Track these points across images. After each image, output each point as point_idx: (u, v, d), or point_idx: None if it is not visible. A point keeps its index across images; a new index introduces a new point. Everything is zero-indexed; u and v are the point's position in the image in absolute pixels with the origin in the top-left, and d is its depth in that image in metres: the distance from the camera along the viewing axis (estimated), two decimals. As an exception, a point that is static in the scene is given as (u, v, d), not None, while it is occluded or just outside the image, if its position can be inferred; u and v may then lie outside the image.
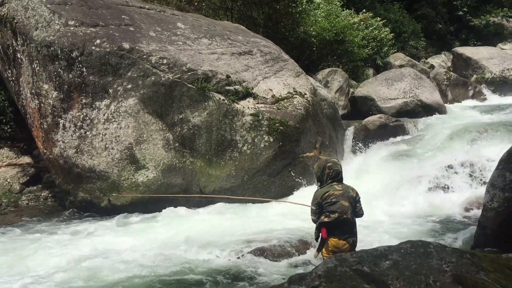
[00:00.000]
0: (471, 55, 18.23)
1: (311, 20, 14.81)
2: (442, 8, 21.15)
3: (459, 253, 2.00)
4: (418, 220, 7.18)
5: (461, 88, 16.36)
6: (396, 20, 19.30)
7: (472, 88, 16.43)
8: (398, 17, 19.56)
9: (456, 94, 16.21)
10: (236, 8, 14.13)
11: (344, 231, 4.33)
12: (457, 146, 9.57)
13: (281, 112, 8.99)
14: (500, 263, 2.06)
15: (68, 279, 5.28)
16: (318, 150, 9.55)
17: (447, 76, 16.47)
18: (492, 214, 5.85)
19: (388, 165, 9.61)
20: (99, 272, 5.43)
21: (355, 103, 14.38)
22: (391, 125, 11.51)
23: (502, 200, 5.78)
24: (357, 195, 4.49)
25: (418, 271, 1.87)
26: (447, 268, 1.88)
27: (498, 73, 17.20)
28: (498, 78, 17.09)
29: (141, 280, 5.13)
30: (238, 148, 8.62)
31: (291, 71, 10.13)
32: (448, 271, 1.86)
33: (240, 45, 9.96)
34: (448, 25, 21.52)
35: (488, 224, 5.88)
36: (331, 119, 10.87)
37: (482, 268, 1.97)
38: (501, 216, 5.77)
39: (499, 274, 2.01)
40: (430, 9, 20.95)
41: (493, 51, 18.82)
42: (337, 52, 15.20)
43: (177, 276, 5.22)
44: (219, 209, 8.06)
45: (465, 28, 21.64)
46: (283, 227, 6.70)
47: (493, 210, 5.84)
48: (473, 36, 21.52)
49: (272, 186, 8.75)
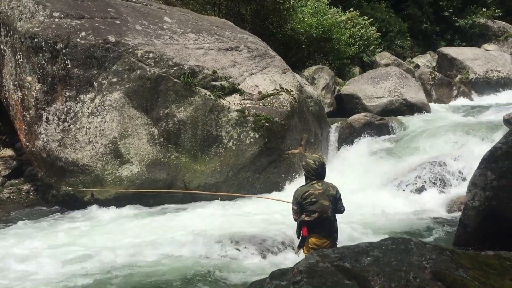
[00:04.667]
0: (455, 55, 18.42)
1: (299, 17, 14.82)
2: (428, 8, 21.31)
3: (439, 250, 2.03)
4: (400, 217, 7.25)
5: (445, 88, 16.54)
6: (383, 19, 19.41)
7: (456, 88, 16.61)
8: (385, 16, 19.68)
9: (441, 94, 16.38)
10: (224, 3, 14.07)
11: (324, 229, 4.37)
12: (440, 145, 9.67)
13: (267, 109, 8.99)
14: (479, 260, 2.10)
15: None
16: (303, 147, 9.58)
17: (432, 76, 16.63)
18: (473, 213, 5.94)
19: (372, 163, 9.69)
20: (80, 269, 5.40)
21: (341, 101, 14.44)
22: (376, 124, 11.59)
23: (483, 199, 5.87)
24: (337, 193, 4.51)
25: (398, 267, 1.89)
26: (427, 265, 1.90)
27: (482, 73, 17.42)
28: (481, 78, 17.31)
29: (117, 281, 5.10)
30: (224, 144, 8.61)
31: (277, 68, 10.13)
32: (428, 268, 1.89)
33: (227, 40, 9.93)
34: (434, 25, 21.69)
35: (469, 223, 5.97)
36: (317, 117, 10.91)
37: (462, 265, 1.99)
38: (482, 215, 5.86)
39: (478, 271, 2.04)
40: (416, 9, 21.10)
41: (477, 52, 19.04)
42: (324, 49, 15.24)
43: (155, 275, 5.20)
44: (203, 205, 8.04)
45: (450, 29, 21.85)
46: (266, 223, 6.72)
47: (474, 209, 5.93)
48: (458, 36, 21.73)
49: (257, 182, 8.76)
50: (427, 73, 16.90)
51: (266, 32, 13.85)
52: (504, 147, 5.87)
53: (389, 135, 11.44)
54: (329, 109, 13.53)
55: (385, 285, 1.79)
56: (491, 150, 6.07)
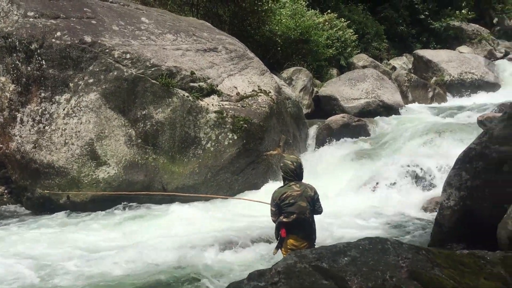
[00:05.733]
0: (431, 57, 18.71)
1: (277, 19, 14.86)
2: (404, 11, 21.61)
3: (415, 250, 2.05)
4: (377, 218, 7.33)
5: (421, 89, 16.78)
6: (360, 21, 19.60)
7: (431, 89, 16.87)
8: (362, 18, 19.87)
9: (417, 96, 16.61)
10: (202, 4, 14.01)
11: (303, 231, 4.39)
12: (417, 146, 9.82)
13: (245, 110, 8.99)
14: (454, 259, 2.13)
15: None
16: (282, 148, 9.61)
17: (408, 78, 16.86)
18: (448, 212, 6.04)
19: (349, 164, 9.78)
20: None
21: (319, 102, 14.53)
22: (353, 125, 11.71)
23: (458, 199, 5.97)
24: (315, 194, 4.52)
25: (375, 267, 1.90)
26: (403, 264, 1.92)
27: (457, 75, 17.73)
28: (456, 80, 17.62)
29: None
30: (202, 145, 8.58)
31: (256, 69, 10.15)
32: (404, 267, 1.91)
33: (205, 41, 9.90)
34: (410, 28, 22.01)
35: (444, 222, 6.07)
36: (295, 118, 10.96)
37: (437, 264, 2.02)
38: (457, 214, 5.96)
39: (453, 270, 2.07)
40: (392, 12, 21.38)
41: (452, 54, 19.38)
42: (302, 51, 15.30)
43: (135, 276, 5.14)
44: (182, 207, 7.98)
45: (426, 31, 22.19)
46: (244, 224, 6.73)
47: (450, 209, 6.03)
48: (433, 39, 22.09)
49: (236, 183, 8.75)
50: (403, 75, 17.12)
51: (244, 34, 13.84)
52: (478, 147, 5.99)
53: (366, 136, 11.58)
54: (307, 111, 13.60)
55: (362, 284, 1.81)
56: (465, 150, 6.19)
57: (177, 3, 13.37)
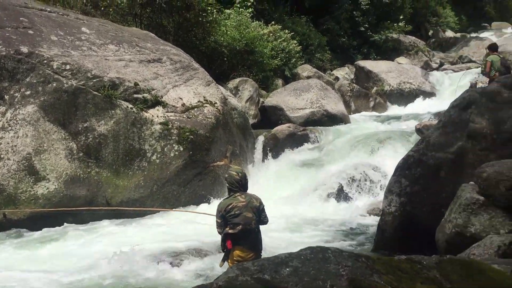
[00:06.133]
0: (371, 68, 19.38)
1: (222, 30, 14.90)
2: (346, 23, 22.26)
3: (355, 257, 2.09)
4: (323, 226, 7.46)
5: (363, 99, 17.32)
6: (304, 33, 19.99)
7: (373, 99, 17.46)
8: (305, 30, 20.28)
9: (359, 105, 17.12)
10: (146, 15, 13.82)
11: (249, 242, 4.38)
12: (359, 154, 10.10)
13: (191, 121, 8.93)
14: (392, 265, 2.19)
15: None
16: (228, 159, 9.60)
17: (350, 88, 17.36)
18: (389, 218, 6.24)
19: (295, 173, 9.92)
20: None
21: (265, 112, 14.66)
22: (299, 134, 11.88)
23: (398, 205, 6.19)
24: (260, 204, 4.53)
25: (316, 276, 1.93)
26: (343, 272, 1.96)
27: (396, 85, 18.45)
28: (395, 90, 18.32)
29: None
30: (147, 158, 8.42)
31: (201, 80, 10.11)
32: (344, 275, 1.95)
33: (149, 52, 9.77)
34: (351, 39, 22.69)
35: (386, 228, 6.27)
36: (242, 128, 11.00)
37: (376, 271, 2.08)
38: (398, 220, 6.18)
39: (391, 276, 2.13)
40: (334, 24, 21.97)
41: (391, 65, 20.16)
42: (247, 62, 15.40)
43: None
44: (126, 221, 7.78)
45: (366, 43, 22.96)
46: (190, 237, 6.63)
47: (391, 215, 6.23)
48: (373, 50, 22.88)
49: (182, 195, 8.65)
50: (346, 85, 17.62)
51: (190, 44, 13.76)
52: (416, 155, 6.25)
53: (312, 145, 11.77)
54: (253, 121, 13.67)
55: (305, 294, 1.83)
56: (404, 158, 6.44)
57: (119, 13, 13.12)
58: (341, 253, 2.08)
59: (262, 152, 11.55)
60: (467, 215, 5.01)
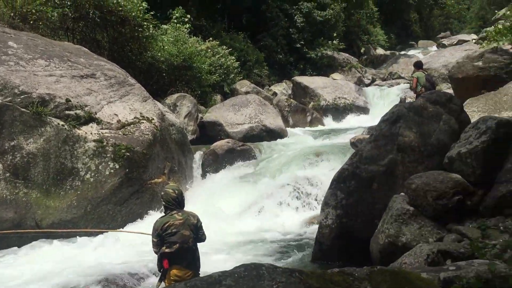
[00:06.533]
0: (308, 84, 19.91)
1: (159, 45, 14.76)
2: (282, 40, 22.78)
3: (289, 273, 2.11)
4: (261, 241, 7.47)
5: (300, 114, 17.71)
6: (241, 49, 20.25)
7: (310, 114, 17.89)
8: (243, 46, 20.55)
9: (296, 120, 17.48)
10: (78, 29, 13.41)
11: (186, 260, 4.30)
12: (297, 168, 10.25)
13: (127, 138, 8.71)
14: (325, 278, 2.22)
15: None
16: (167, 176, 9.45)
17: (288, 103, 17.71)
18: (326, 231, 6.37)
19: (234, 189, 9.90)
20: None
21: (204, 128, 14.60)
22: (238, 149, 11.91)
23: (334, 217, 6.34)
24: (198, 221, 4.47)
25: (250, 294, 1.92)
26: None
27: (331, 100, 19.04)
28: (331, 105, 18.91)
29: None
30: (80, 176, 8.10)
31: (137, 96, 9.92)
32: (278, 291, 1.95)
33: (82, 67, 9.46)
34: (288, 55, 23.24)
35: (323, 240, 6.38)
36: (180, 144, 10.87)
37: (310, 285, 2.10)
38: (335, 232, 6.32)
39: (325, 288, 2.16)
40: (271, 41, 22.42)
41: (326, 80, 20.82)
42: (185, 77, 15.33)
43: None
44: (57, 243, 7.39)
45: (302, 59, 23.59)
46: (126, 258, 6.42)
47: (328, 227, 6.36)
48: (309, 66, 23.54)
49: (119, 215, 8.37)
50: (283, 100, 17.95)
51: (125, 60, 13.51)
52: (350, 168, 6.44)
53: (251, 160, 11.84)
54: (192, 137, 13.57)
55: (239, 313, 1.81)
56: (339, 171, 6.61)
57: (50, 27, 12.64)
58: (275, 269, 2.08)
59: (201, 168, 11.48)
60: (399, 225, 5.21)
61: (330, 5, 24.54)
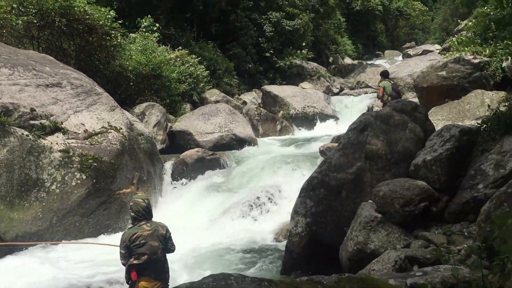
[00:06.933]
0: (277, 93, 20.02)
1: (127, 54, 14.59)
2: (252, 49, 22.89)
3: (258, 282, 2.10)
4: (231, 251, 7.43)
5: (270, 122, 17.76)
6: (211, 58, 20.22)
7: (279, 123, 17.97)
8: (213, 55, 20.53)
9: (266, 128, 17.53)
10: (44, 37, 13.12)
11: (155, 271, 4.23)
12: (267, 177, 10.28)
13: (94, 148, 8.57)
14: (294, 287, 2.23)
15: None
16: (135, 186, 9.32)
17: (258, 112, 17.75)
18: (297, 239, 6.39)
19: (204, 198, 9.85)
20: None
21: (173, 137, 14.48)
22: (208, 159, 11.85)
23: (304, 225, 6.37)
24: (167, 232, 4.41)
25: (218, 304, 1.90)
26: (246, 298, 1.96)
27: (300, 109, 19.19)
28: (300, 114, 19.05)
29: None
30: (46, 188, 7.91)
31: (105, 105, 9.77)
32: (247, 301, 1.94)
33: (47, 76, 9.27)
34: (258, 65, 23.35)
35: (294, 249, 6.40)
36: (149, 154, 10.74)
37: (279, 294, 2.10)
38: (304, 240, 6.35)
39: (294, 297, 2.17)
40: (241, 50, 22.50)
41: (295, 90, 20.98)
42: (154, 86, 15.18)
43: None
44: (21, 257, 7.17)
45: (272, 68, 23.73)
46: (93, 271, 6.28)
47: (298, 235, 6.39)
48: (279, 75, 23.70)
49: (86, 226, 8.21)
50: (253, 109, 17.98)
51: (93, 68, 13.29)
52: (319, 176, 6.50)
53: (221, 169, 11.79)
54: (161, 146, 13.43)
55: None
56: (309, 179, 6.67)
57: (14, 35, 12.33)
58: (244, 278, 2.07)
59: (171, 178, 11.36)
60: (367, 232, 5.28)
61: (298, 15, 24.83)
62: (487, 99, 10.51)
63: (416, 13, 42.90)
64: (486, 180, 5.15)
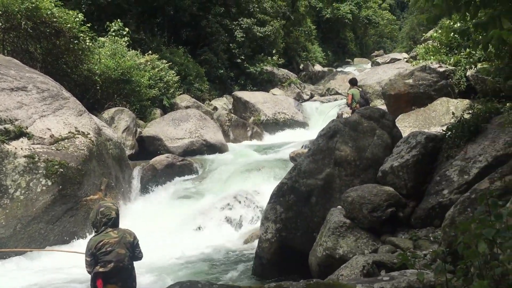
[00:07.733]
0: (248, 99, 20.06)
1: (96, 58, 14.35)
2: (223, 54, 22.90)
3: (226, 289, 2.09)
4: (202, 257, 7.38)
5: (241, 128, 17.77)
6: (182, 63, 20.11)
7: (250, 128, 18.00)
8: (183, 60, 20.42)
9: (237, 134, 17.52)
10: (9, 40, 12.78)
11: (121, 279, 4.13)
12: (238, 183, 10.27)
13: (61, 153, 8.38)
14: (262, 293, 2.23)
15: None
16: (103, 192, 9.14)
17: (229, 118, 17.73)
18: (266, 245, 6.40)
19: (174, 204, 9.76)
20: None
21: (143, 143, 14.30)
22: (178, 164, 11.76)
23: (274, 231, 6.38)
24: (134, 239, 4.31)
25: (186, 312, 1.88)
26: (214, 306, 1.94)
27: (271, 115, 19.28)
28: (271, 120, 19.14)
29: None
30: (9, 194, 7.69)
31: (72, 110, 9.58)
32: (215, 309, 1.93)
33: (12, 80, 9.03)
34: (229, 70, 23.37)
35: (263, 255, 6.40)
36: (118, 160, 10.58)
37: (247, 301, 2.09)
38: (274, 246, 6.35)
39: (262, 303, 2.16)
40: (212, 55, 22.47)
41: (266, 96, 21.08)
42: (123, 91, 14.96)
43: None
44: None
45: (243, 74, 23.79)
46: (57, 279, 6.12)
47: (267, 241, 6.39)
48: (250, 81, 23.77)
49: (51, 233, 8.00)
50: (224, 115, 17.95)
51: (60, 72, 13.01)
52: (289, 182, 6.53)
53: (191, 175, 11.72)
54: (131, 152, 13.24)
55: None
56: (279, 185, 6.69)
57: (-22, 37, 12.00)
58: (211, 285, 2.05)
59: (140, 184, 11.21)
60: (336, 237, 5.33)
61: (269, 22, 25.00)
62: (452, 106, 10.80)
63: (384, 22, 43.88)
64: (451, 186, 5.28)
